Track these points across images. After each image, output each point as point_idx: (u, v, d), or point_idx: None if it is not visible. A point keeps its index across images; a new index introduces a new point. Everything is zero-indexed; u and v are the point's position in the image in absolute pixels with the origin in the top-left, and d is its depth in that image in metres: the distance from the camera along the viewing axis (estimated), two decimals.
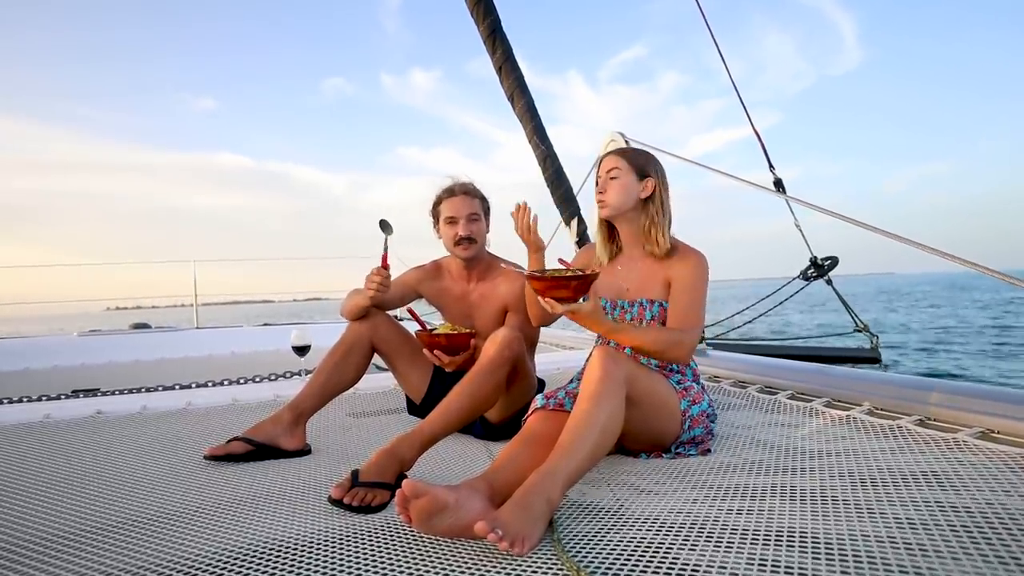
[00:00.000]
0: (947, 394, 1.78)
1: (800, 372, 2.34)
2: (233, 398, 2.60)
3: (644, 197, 1.70)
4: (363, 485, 1.34)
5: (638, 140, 2.70)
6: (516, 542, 1.04)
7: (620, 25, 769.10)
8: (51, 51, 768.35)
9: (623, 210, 1.70)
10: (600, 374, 1.32)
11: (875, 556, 0.98)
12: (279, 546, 1.14)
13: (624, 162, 1.71)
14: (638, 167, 1.71)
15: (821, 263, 6.00)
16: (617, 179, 1.70)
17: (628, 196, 1.69)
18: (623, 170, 1.70)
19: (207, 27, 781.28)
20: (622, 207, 1.70)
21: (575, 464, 1.20)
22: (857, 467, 1.42)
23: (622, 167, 1.71)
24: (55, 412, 2.36)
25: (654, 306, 1.67)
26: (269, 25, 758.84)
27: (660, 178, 1.72)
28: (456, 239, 1.97)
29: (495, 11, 4.10)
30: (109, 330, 6.26)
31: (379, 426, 2.13)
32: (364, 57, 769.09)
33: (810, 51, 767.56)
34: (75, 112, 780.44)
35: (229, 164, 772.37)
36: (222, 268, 7.70)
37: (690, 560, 1.00)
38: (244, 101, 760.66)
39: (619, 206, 1.70)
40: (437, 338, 1.84)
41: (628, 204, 1.70)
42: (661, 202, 1.70)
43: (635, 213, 1.71)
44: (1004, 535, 1.03)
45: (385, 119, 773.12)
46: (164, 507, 1.37)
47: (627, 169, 1.70)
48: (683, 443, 1.60)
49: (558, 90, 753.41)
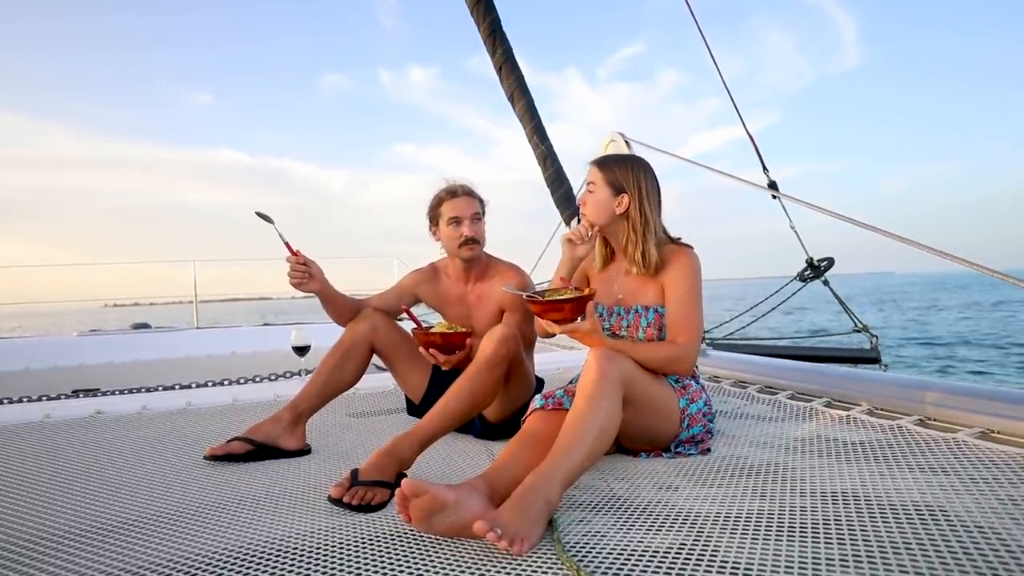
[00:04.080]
0: (947, 394, 1.78)
1: (800, 372, 2.34)
2: (233, 398, 2.60)
3: (619, 213, 1.67)
4: (363, 484, 1.34)
5: (638, 140, 2.70)
6: (515, 541, 1.04)
7: (619, 22, 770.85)
8: (45, 44, 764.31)
9: (601, 223, 1.68)
10: (597, 374, 1.32)
11: (875, 556, 0.98)
12: (279, 546, 1.14)
13: (600, 175, 1.67)
14: (613, 182, 1.66)
15: (817, 264, 6.00)
16: (592, 193, 1.68)
17: (603, 211, 1.66)
18: (598, 185, 1.67)
19: (203, 21, 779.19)
20: (598, 221, 1.68)
21: (573, 464, 1.20)
22: (857, 467, 1.42)
23: (597, 181, 1.67)
24: (55, 412, 2.36)
25: (650, 312, 1.65)
26: (266, 20, 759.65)
27: (639, 192, 1.65)
28: (461, 240, 1.97)
29: (495, 11, 4.10)
30: (109, 330, 6.26)
31: (379, 426, 2.13)
32: (362, 53, 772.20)
33: (810, 50, 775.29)
34: (70, 106, 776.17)
35: (227, 160, 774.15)
36: (219, 265, 7.70)
37: (690, 559, 1.00)
38: (241, 96, 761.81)
39: (596, 220, 1.68)
40: (433, 337, 1.84)
41: (604, 219, 1.67)
42: (640, 217, 1.64)
43: (615, 227, 1.69)
44: (1004, 535, 1.03)
45: (383, 116, 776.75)
46: (164, 507, 1.37)
47: (602, 184, 1.67)
48: (682, 442, 1.60)
49: (556, 87, 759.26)
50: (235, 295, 10.31)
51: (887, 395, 1.93)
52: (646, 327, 1.65)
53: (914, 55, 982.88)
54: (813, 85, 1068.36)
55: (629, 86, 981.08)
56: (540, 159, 4.13)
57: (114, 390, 3.03)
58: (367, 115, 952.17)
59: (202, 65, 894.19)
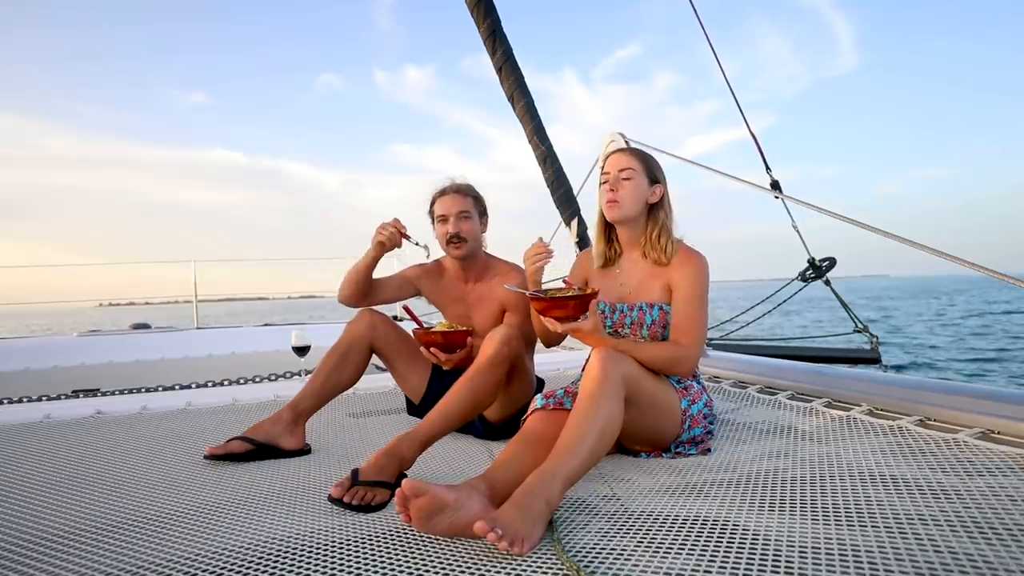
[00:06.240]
0: (947, 394, 1.78)
1: (800, 372, 2.34)
2: (233, 398, 2.60)
3: (652, 202, 1.68)
4: (363, 484, 1.34)
5: (638, 140, 2.70)
6: (515, 542, 1.03)
7: (615, 23, 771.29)
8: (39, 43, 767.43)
9: (633, 214, 1.66)
10: (600, 375, 1.32)
11: (875, 555, 0.98)
12: (279, 546, 1.14)
13: (638, 164, 1.66)
14: (650, 171, 1.67)
15: (819, 264, 5.99)
16: (631, 180, 1.64)
17: (639, 199, 1.65)
18: (637, 172, 1.65)
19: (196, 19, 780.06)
20: (633, 209, 1.65)
21: (574, 464, 1.20)
22: (858, 467, 1.41)
23: (636, 168, 1.65)
24: (55, 412, 2.36)
25: (654, 309, 1.65)
26: (260, 19, 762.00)
27: (666, 184, 1.69)
28: (447, 237, 1.98)
29: (495, 12, 4.10)
30: (109, 330, 6.26)
31: (378, 426, 2.13)
32: (357, 53, 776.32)
33: (806, 53, 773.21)
34: (65, 107, 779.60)
35: (222, 160, 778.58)
36: (218, 266, 7.70)
37: (690, 560, 1.00)
38: (236, 96, 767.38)
39: (631, 209, 1.65)
40: (433, 336, 1.84)
41: (638, 208, 1.66)
42: (668, 208, 1.68)
43: (640, 218, 1.68)
44: (1004, 535, 1.03)
45: (378, 116, 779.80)
46: (164, 507, 1.37)
47: (641, 171, 1.65)
48: (683, 443, 1.59)
49: (552, 88, 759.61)
50: (231, 295, 10.31)
51: (887, 395, 1.93)
52: (650, 324, 1.65)
53: (910, 59, 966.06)
54: (809, 88, 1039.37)
55: (625, 88, 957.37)
56: (540, 160, 4.12)
57: (114, 390, 3.03)
58: (362, 115, 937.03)
59: (195, 64, 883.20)
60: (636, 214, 1.67)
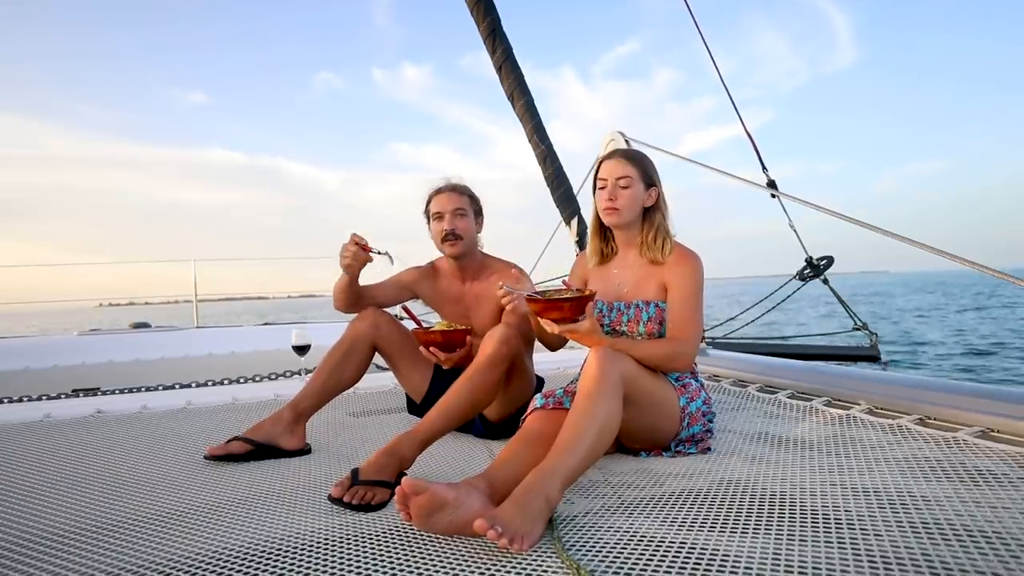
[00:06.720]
0: (947, 393, 1.78)
1: (800, 371, 2.34)
2: (233, 398, 2.60)
3: (648, 206, 1.70)
4: (363, 483, 1.34)
5: (638, 139, 2.70)
6: (515, 539, 1.04)
7: (615, 20, 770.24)
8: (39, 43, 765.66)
9: (631, 219, 1.69)
10: (597, 373, 1.32)
11: (875, 554, 0.98)
12: (279, 545, 1.14)
13: (635, 170, 1.68)
14: (646, 175, 1.69)
15: (817, 263, 5.99)
16: (629, 188, 1.66)
17: (637, 205, 1.68)
18: (634, 179, 1.67)
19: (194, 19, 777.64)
20: (631, 215, 1.68)
21: (573, 463, 1.21)
22: (858, 467, 1.42)
23: (633, 176, 1.67)
24: (55, 411, 2.36)
25: (651, 307, 1.66)
26: (259, 18, 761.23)
27: (660, 184, 1.71)
28: (442, 234, 1.98)
29: (495, 10, 4.10)
30: (109, 329, 6.26)
31: (379, 425, 2.13)
32: (355, 51, 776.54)
33: (804, 49, 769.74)
34: (65, 107, 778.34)
35: (222, 160, 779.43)
36: (217, 265, 7.70)
37: (690, 558, 1.00)
38: (235, 96, 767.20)
39: (629, 215, 1.68)
40: (433, 335, 1.84)
41: (635, 213, 1.69)
42: (665, 208, 1.70)
43: (637, 220, 1.71)
44: (1005, 535, 1.03)
45: (377, 114, 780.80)
46: (164, 507, 1.37)
47: (638, 178, 1.67)
48: (683, 441, 1.60)
49: (551, 85, 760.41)
50: (230, 294, 10.31)
51: (887, 394, 1.93)
52: (647, 321, 1.66)
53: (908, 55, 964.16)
54: (807, 84, 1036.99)
55: (623, 84, 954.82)
56: (540, 158, 4.12)
57: (114, 389, 3.03)
58: (361, 114, 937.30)
59: (194, 64, 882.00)
60: (634, 218, 1.69)
